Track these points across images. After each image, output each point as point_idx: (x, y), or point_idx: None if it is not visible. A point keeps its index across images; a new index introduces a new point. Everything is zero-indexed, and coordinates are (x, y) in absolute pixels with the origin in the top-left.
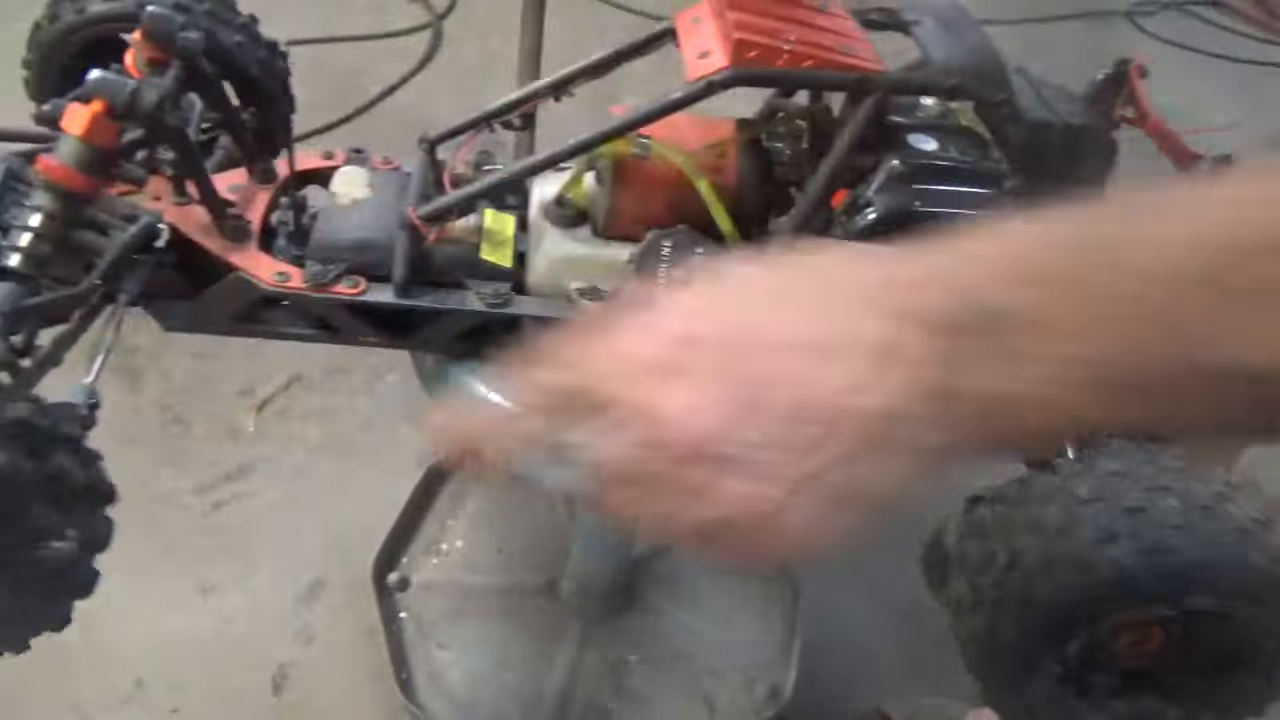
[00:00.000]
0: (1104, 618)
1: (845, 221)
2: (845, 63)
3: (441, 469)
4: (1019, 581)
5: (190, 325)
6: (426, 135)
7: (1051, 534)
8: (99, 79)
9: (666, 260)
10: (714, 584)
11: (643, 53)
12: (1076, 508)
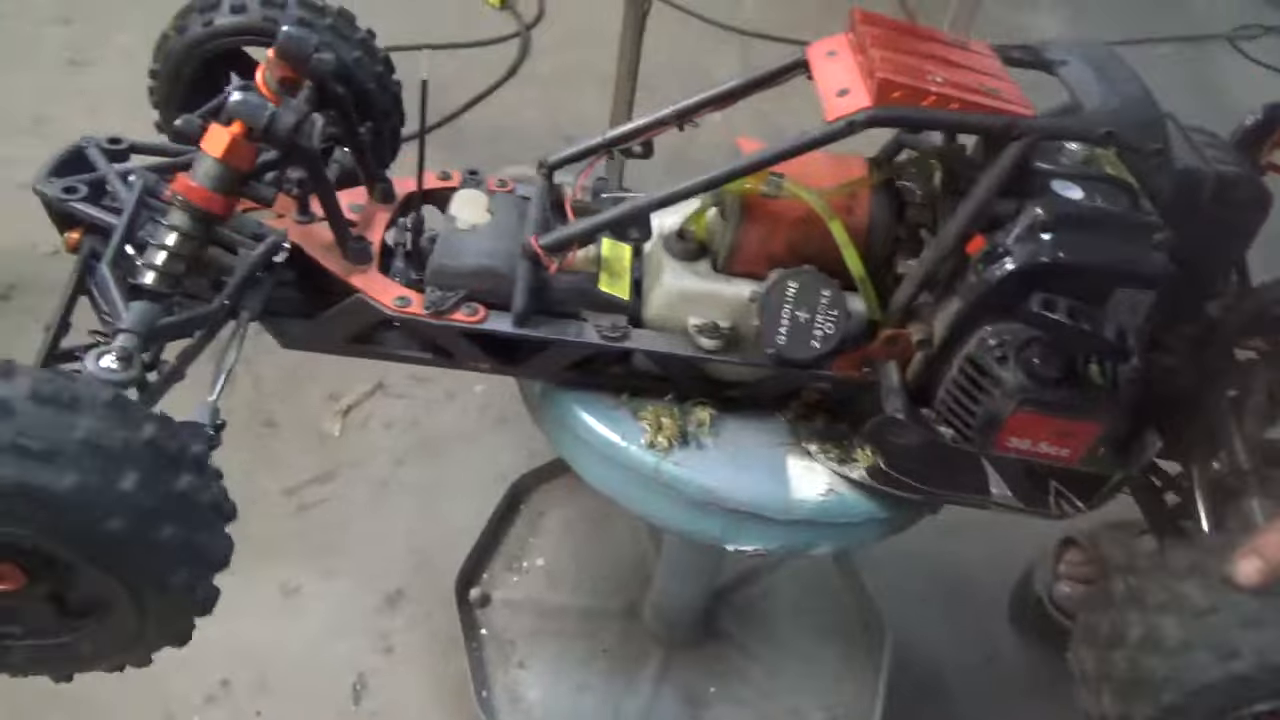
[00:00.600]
0: (1244, 706)
1: (981, 270)
2: (993, 106)
3: (523, 484)
4: (1155, 661)
5: (307, 343)
6: (545, 160)
7: (1190, 615)
8: (239, 101)
9: (791, 301)
10: (797, 619)
11: (772, 84)
12: (1220, 589)
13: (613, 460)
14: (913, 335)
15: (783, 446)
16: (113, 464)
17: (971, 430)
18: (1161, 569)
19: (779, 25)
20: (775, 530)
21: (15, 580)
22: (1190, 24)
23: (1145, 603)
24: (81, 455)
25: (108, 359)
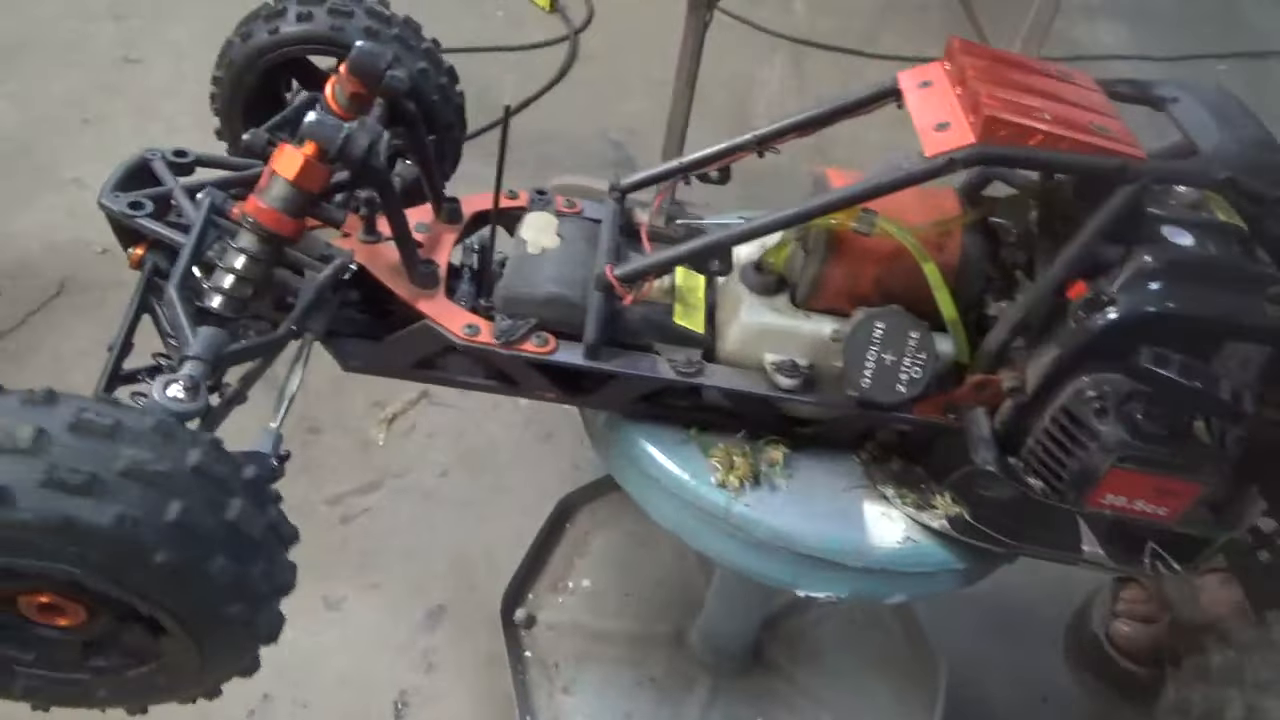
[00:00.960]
0: None
1: (1082, 317)
2: (1103, 146)
3: (569, 503)
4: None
5: (370, 367)
6: (617, 183)
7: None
8: (314, 123)
9: (878, 343)
10: (847, 650)
11: (860, 111)
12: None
13: (680, 498)
14: (1003, 381)
15: (858, 489)
16: (158, 495)
17: (1063, 484)
18: (1265, 644)
19: (829, 33)
20: (849, 577)
21: (76, 616)
22: (1250, 40)
23: (1246, 680)
24: (124, 487)
25: (174, 388)
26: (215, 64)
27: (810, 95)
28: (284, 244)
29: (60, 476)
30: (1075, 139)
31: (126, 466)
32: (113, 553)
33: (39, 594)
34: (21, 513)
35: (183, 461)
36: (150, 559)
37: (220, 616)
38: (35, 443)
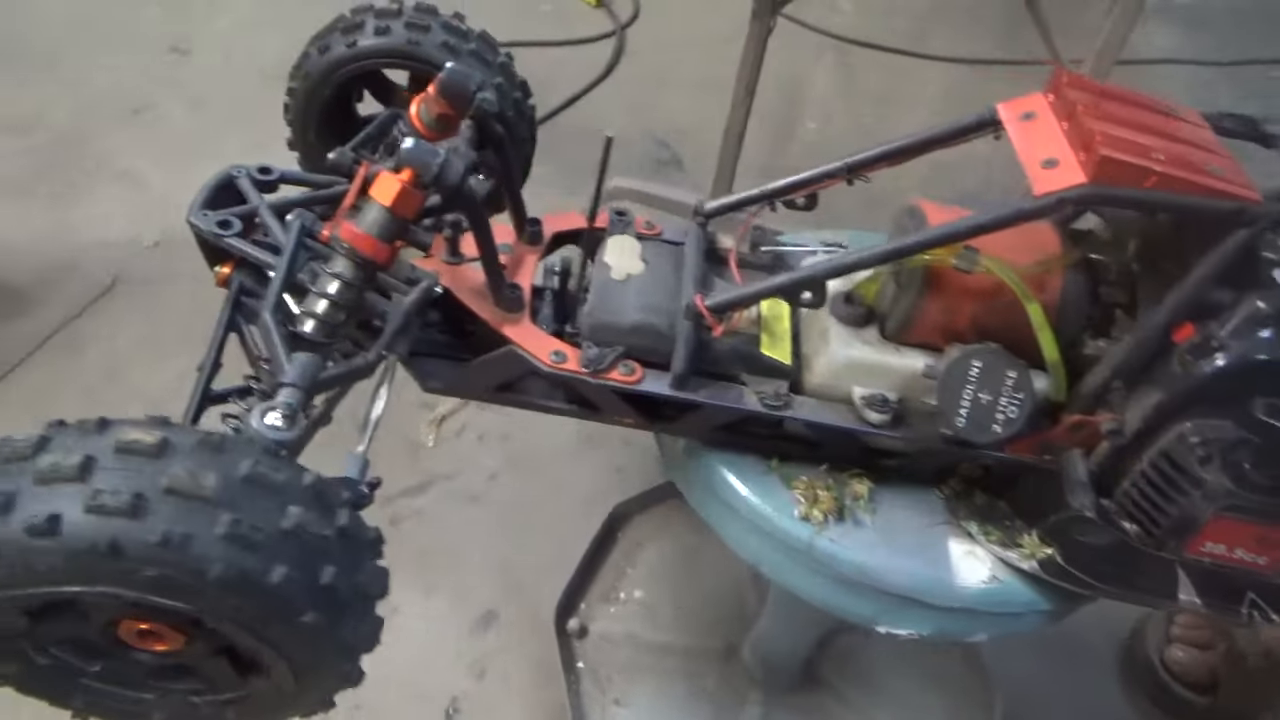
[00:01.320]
0: None
1: (1190, 362)
2: (1219, 189)
3: (620, 512)
4: None
5: (451, 388)
6: (701, 207)
7: None
8: (412, 149)
9: (974, 382)
10: (898, 670)
11: (954, 142)
12: None
13: (762, 531)
14: (1102, 424)
15: (942, 525)
16: (310, 554)
17: (1160, 530)
18: None
19: (877, 33)
20: (932, 616)
21: (174, 643)
22: None
23: None
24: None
25: (272, 416)
26: (290, 75)
27: (858, 95)
28: (377, 270)
29: (242, 533)
30: (1190, 180)
31: (293, 526)
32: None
33: (143, 621)
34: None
35: (331, 524)
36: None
37: (324, 653)
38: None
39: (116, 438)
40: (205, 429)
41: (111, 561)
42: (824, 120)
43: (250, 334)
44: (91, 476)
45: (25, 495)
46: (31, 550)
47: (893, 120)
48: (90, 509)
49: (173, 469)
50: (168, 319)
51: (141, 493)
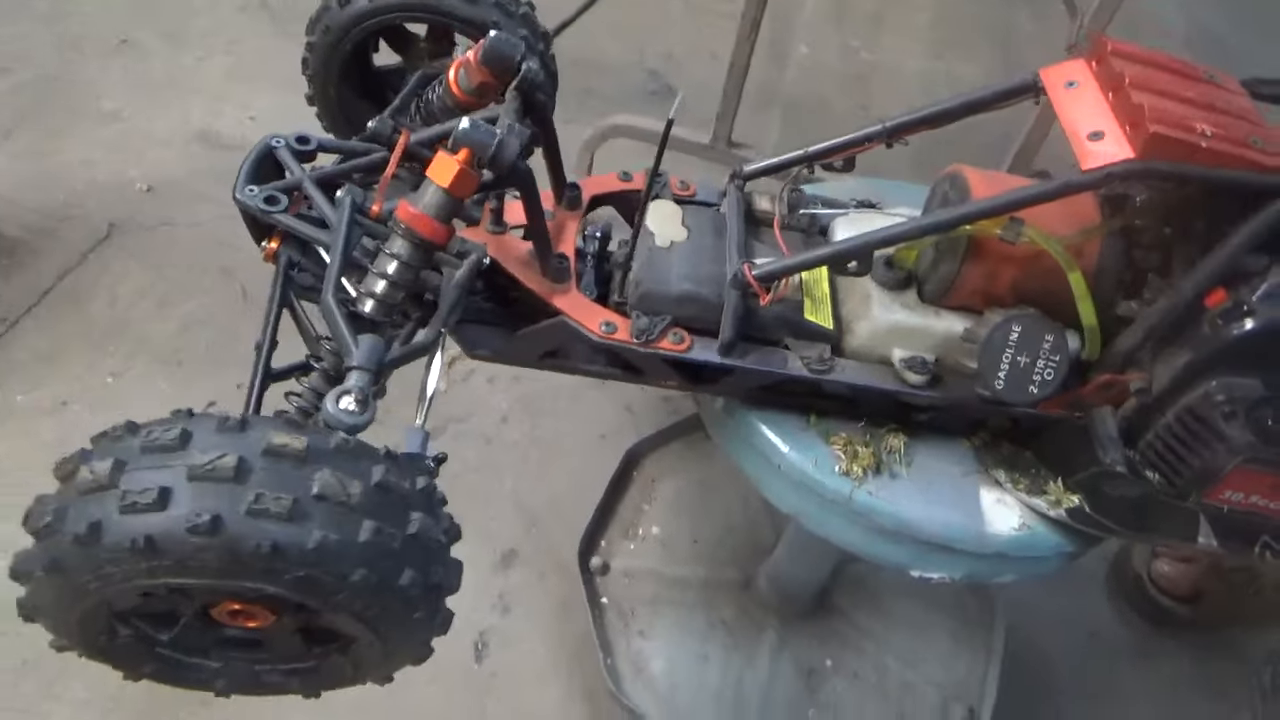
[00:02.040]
0: None
1: (1220, 325)
2: (1263, 163)
3: (636, 451)
4: None
5: (497, 356)
6: (739, 170)
7: None
8: (469, 130)
9: (1013, 345)
10: (907, 594)
11: (993, 106)
12: None
13: (803, 485)
14: (1132, 382)
15: (973, 475)
16: (351, 517)
17: (1183, 479)
18: None
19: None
20: (965, 561)
21: (264, 618)
22: None
23: None
24: (320, 511)
25: (346, 400)
26: (307, 29)
27: (848, 18)
28: (436, 249)
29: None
30: (1235, 155)
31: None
32: (318, 574)
33: (243, 603)
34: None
35: (439, 527)
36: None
37: (415, 638)
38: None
39: (265, 441)
40: (330, 431)
41: (268, 562)
42: (815, 44)
43: (302, 309)
44: (249, 479)
45: (181, 491)
46: (189, 546)
47: (883, 44)
48: (253, 512)
49: (322, 475)
50: (167, 266)
51: (299, 499)
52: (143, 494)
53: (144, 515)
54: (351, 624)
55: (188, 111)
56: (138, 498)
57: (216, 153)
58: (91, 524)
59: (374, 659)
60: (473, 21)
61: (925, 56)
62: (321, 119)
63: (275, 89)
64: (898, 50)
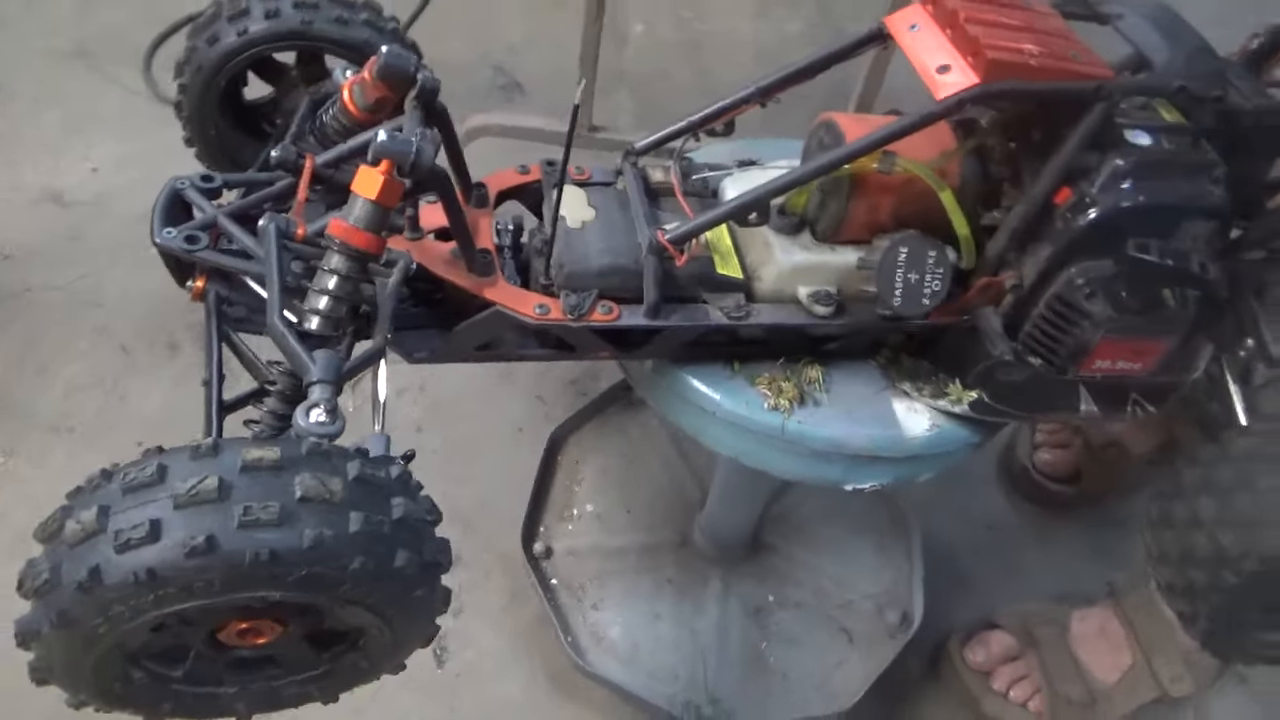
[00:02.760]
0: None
1: (1070, 219)
2: (1083, 72)
3: (557, 436)
4: (1233, 537)
5: (436, 356)
6: (632, 148)
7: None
8: (386, 142)
9: (903, 265)
10: (829, 521)
11: (852, 55)
12: None
13: (739, 426)
14: (1006, 281)
15: (884, 391)
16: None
17: (1060, 358)
18: (1224, 458)
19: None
20: (890, 467)
21: (272, 631)
22: None
23: (1215, 487)
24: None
25: (316, 413)
26: (176, 72)
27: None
28: (371, 260)
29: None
30: (1062, 69)
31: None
32: (316, 571)
33: (248, 620)
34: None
35: (422, 507)
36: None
37: (410, 603)
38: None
39: (241, 458)
40: (299, 439)
41: (269, 569)
42: (650, 21)
43: (241, 340)
44: (233, 495)
45: (171, 520)
46: (189, 569)
47: (712, 15)
48: (244, 525)
49: (302, 479)
50: (39, 333)
51: (285, 504)
52: (134, 530)
53: (140, 550)
54: (358, 615)
55: (22, 171)
56: (130, 534)
57: (65, 211)
58: (91, 569)
59: (385, 648)
60: (345, 43)
61: (752, 18)
62: (203, 159)
63: (112, 138)
64: (727, 15)
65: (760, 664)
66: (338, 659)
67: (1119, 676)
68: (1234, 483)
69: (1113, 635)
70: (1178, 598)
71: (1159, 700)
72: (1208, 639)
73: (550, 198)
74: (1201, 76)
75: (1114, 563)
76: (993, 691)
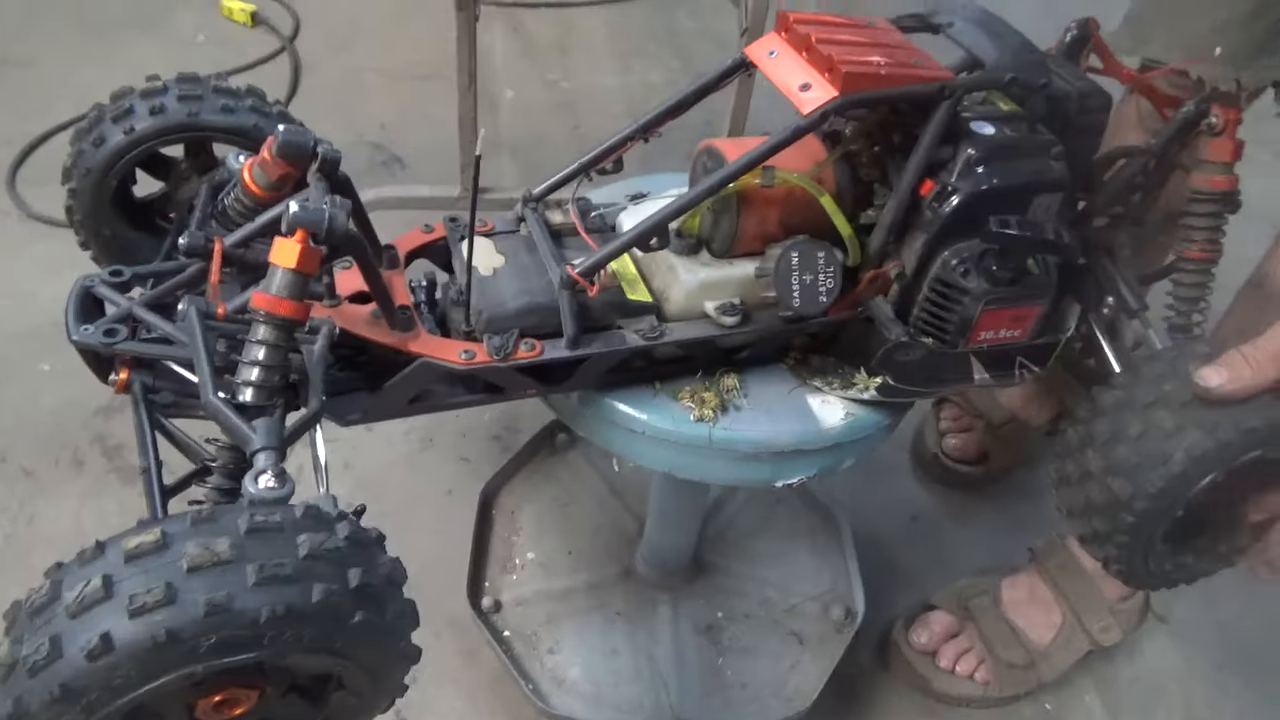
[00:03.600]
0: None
1: (936, 207)
2: (927, 75)
3: (488, 491)
4: (1120, 482)
5: (369, 416)
6: (529, 194)
7: (1133, 440)
8: (299, 212)
9: (796, 268)
10: (763, 534)
11: (720, 86)
12: (1145, 414)
13: (669, 441)
14: (890, 271)
15: (798, 390)
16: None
17: (948, 334)
18: (1099, 411)
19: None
20: (814, 458)
21: (250, 699)
22: None
23: (1095, 440)
24: (309, 571)
25: (265, 479)
26: (64, 177)
27: (538, 54)
28: (297, 328)
29: (270, 574)
30: (908, 74)
31: (309, 550)
32: (319, 628)
33: (215, 694)
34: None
35: (337, 537)
36: (350, 622)
37: (381, 643)
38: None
39: (122, 549)
40: (293, 506)
41: (173, 647)
42: (518, 85)
43: (173, 426)
44: (117, 588)
45: (67, 634)
46: (97, 672)
47: (577, 73)
48: (133, 613)
49: (186, 549)
50: None
51: (170, 581)
52: (149, 594)
53: (154, 613)
54: (310, 660)
55: None
56: (145, 599)
57: None
58: (102, 635)
59: (362, 681)
60: (233, 130)
61: (617, 73)
62: (99, 262)
63: None
64: (591, 72)
65: (719, 678)
66: (329, 701)
67: (1053, 635)
68: (1110, 435)
69: (1041, 597)
70: (1091, 545)
71: (1093, 652)
72: (1127, 575)
73: (458, 250)
74: (1027, 68)
75: (1031, 531)
76: (940, 669)
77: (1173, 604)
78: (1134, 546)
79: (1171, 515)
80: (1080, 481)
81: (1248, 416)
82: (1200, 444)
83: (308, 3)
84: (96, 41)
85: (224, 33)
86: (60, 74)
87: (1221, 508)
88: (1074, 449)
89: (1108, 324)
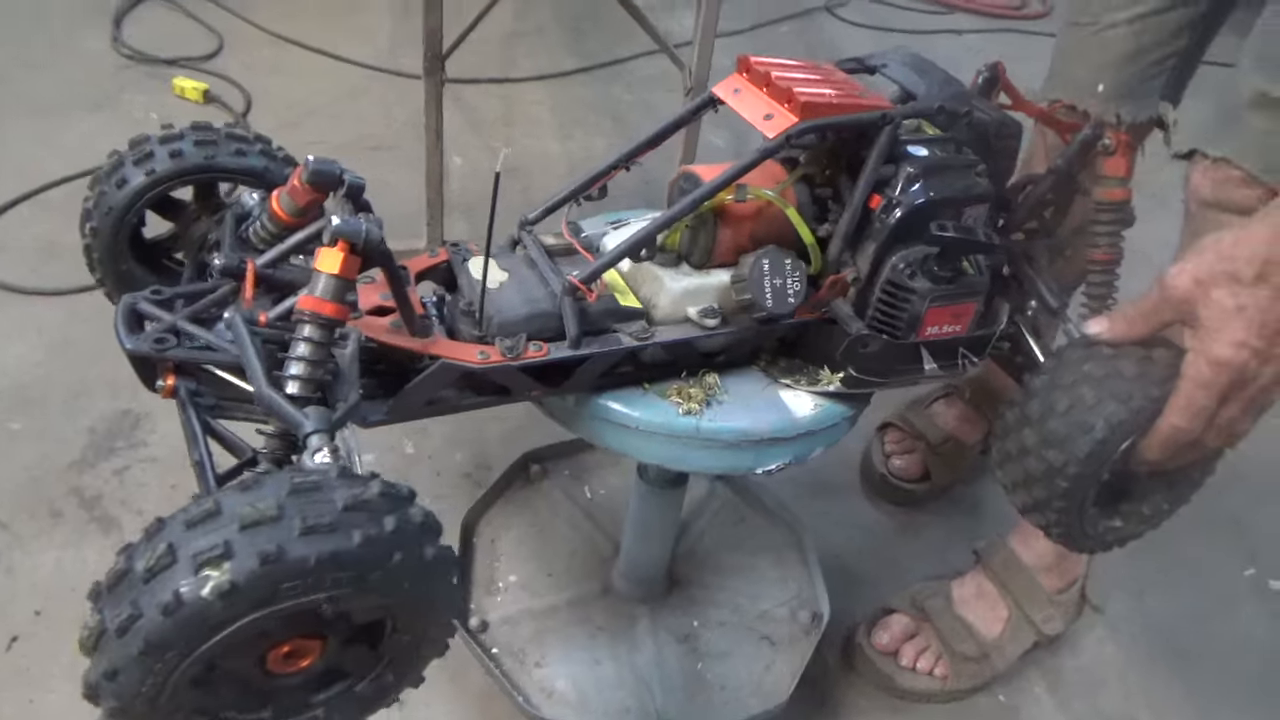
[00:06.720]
0: (1114, 451)
1: (884, 218)
2: (871, 105)
3: (469, 521)
4: (1053, 453)
5: (390, 417)
6: (525, 219)
7: (1061, 414)
8: (341, 225)
9: (767, 274)
10: (731, 550)
11: (691, 121)
12: (1069, 391)
13: (660, 435)
14: (848, 276)
15: (771, 387)
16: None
17: (900, 329)
18: (1031, 395)
19: (474, 68)
20: (789, 446)
21: (314, 650)
22: (795, 4)
23: (1030, 419)
24: (348, 520)
25: (320, 456)
26: (83, 218)
27: (482, 125)
28: (338, 325)
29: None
30: (856, 104)
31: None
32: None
33: (282, 645)
34: None
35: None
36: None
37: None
38: None
39: (182, 521)
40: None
41: (236, 596)
42: (465, 154)
43: (221, 426)
44: (180, 552)
45: (144, 597)
46: (174, 626)
47: (521, 140)
48: (304, 533)
49: (340, 494)
50: None
51: (227, 540)
52: (210, 552)
53: (215, 568)
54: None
55: None
56: (207, 555)
57: None
58: (174, 592)
59: (415, 623)
60: (245, 171)
61: (559, 140)
62: (113, 298)
63: None
64: (534, 139)
65: (699, 681)
66: (391, 645)
67: (1001, 627)
68: (1042, 412)
69: (988, 594)
70: (1033, 514)
71: (1039, 645)
72: (1067, 539)
73: (464, 269)
74: (952, 99)
75: (973, 536)
76: (902, 668)
77: (1107, 598)
78: (1070, 510)
79: (1099, 478)
80: (1019, 456)
81: (1152, 387)
82: (1117, 413)
83: (258, 83)
84: (43, 123)
85: (176, 110)
86: (9, 154)
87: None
88: (1011, 428)
89: (1032, 324)
